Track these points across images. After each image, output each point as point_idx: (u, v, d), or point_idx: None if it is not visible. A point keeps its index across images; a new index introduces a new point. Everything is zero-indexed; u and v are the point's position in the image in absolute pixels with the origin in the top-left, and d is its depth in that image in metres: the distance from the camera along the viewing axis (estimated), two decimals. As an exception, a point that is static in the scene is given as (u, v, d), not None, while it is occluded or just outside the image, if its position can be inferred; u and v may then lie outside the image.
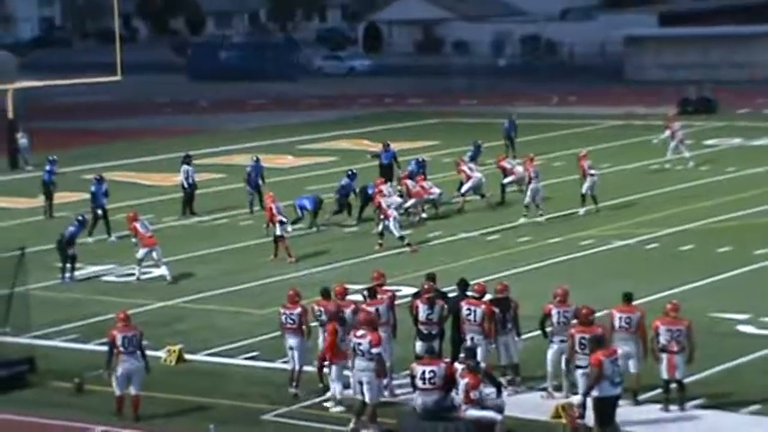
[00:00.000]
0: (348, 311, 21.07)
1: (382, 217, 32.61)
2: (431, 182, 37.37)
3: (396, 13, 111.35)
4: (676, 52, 77.22)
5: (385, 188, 34.09)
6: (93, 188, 35.71)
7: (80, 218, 31.75)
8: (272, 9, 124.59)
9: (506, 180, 38.30)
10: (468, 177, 37.46)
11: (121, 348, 20.44)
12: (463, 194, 37.43)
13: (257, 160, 38.74)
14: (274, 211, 31.90)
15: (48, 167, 38.96)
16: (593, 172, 36.57)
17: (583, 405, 18.49)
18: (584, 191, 36.31)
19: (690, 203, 37.59)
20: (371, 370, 19.49)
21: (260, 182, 38.06)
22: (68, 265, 30.23)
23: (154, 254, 30.02)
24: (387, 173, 39.04)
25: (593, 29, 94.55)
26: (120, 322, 20.78)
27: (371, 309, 21.12)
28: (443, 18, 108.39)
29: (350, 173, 36.64)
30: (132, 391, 20.46)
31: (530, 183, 35.56)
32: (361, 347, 19.50)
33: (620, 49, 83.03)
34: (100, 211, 35.06)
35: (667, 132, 45.18)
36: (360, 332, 19.70)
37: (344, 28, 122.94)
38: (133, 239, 30.93)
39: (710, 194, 39.06)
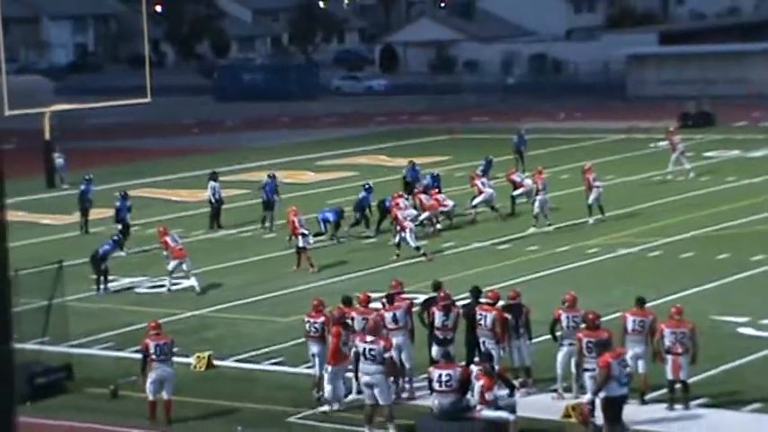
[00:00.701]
0: (359, 318, 21.08)
1: (399, 228, 32.60)
2: (444, 195, 37.38)
3: (410, 34, 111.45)
4: (676, 69, 77.10)
5: (401, 201, 34.09)
6: (117, 204, 35.84)
7: (115, 238, 31.95)
8: (293, 33, 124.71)
9: (516, 192, 38.27)
10: (480, 191, 37.47)
11: (154, 356, 20.46)
12: (475, 207, 37.44)
13: (273, 177, 38.65)
14: (296, 223, 31.92)
15: (83, 186, 39.05)
16: (597, 184, 36.53)
17: (592, 404, 18.44)
18: (590, 202, 36.25)
19: (690, 212, 37.51)
20: (381, 373, 19.50)
21: (275, 197, 37.76)
22: (102, 278, 30.34)
23: (184, 266, 30.06)
24: (409, 188, 39.02)
25: (596, 48, 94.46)
26: (152, 331, 20.81)
27: (389, 314, 21.16)
28: (455, 39, 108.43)
29: (367, 187, 36.65)
30: (164, 395, 20.48)
31: (538, 194, 35.54)
32: (373, 352, 19.49)
33: (622, 66, 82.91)
34: (120, 226, 35.13)
35: (668, 144, 45.06)
36: (369, 338, 19.69)
37: (362, 50, 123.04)
38: (164, 252, 30.98)
39: (710, 204, 38.96)
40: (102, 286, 30.32)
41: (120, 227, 35.20)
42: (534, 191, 36.02)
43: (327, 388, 20.52)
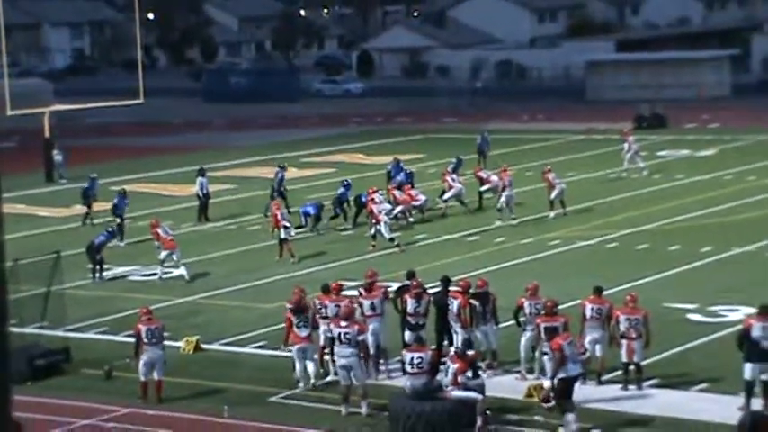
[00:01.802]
0: (332, 305, 21.07)
1: (374, 222, 32.58)
2: (417, 190, 37.36)
3: (386, 41, 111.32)
4: (631, 75, 77.25)
5: (376, 196, 34.06)
6: (115, 200, 35.67)
7: (109, 229, 31.80)
8: (276, 39, 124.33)
9: (483, 188, 38.29)
10: (451, 187, 37.48)
11: (146, 340, 20.40)
12: (445, 201, 37.44)
13: (283, 168, 39.02)
14: (279, 216, 31.87)
15: (88, 183, 38.85)
16: (558, 181, 36.57)
17: (552, 387, 18.51)
18: (552, 198, 36.30)
19: (645, 207, 37.60)
20: (356, 356, 19.52)
21: (282, 189, 38.13)
22: (97, 267, 30.21)
23: (174, 256, 29.95)
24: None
25: (558, 55, 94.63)
26: (143, 316, 20.75)
27: (368, 302, 21.15)
28: (428, 46, 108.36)
29: (345, 183, 36.61)
30: (155, 376, 20.43)
31: (504, 190, 35.56)
32: (347, 336, 19.50)
33: (581, 72, 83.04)
34: (118, 220, 35.00)
35: (625, 145, 45.20)
36: (343, 323, 19.70)
37: (340, 55, 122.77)
38: (156, 243, 30.86)
39: (663, 199, 39.07)
40: (97, 275, 30.19)
41: (117, 221, 35.02)
42: (500, 187, 36.05)
43: (297, 367, 20.55)
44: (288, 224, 31.79)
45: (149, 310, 21.13)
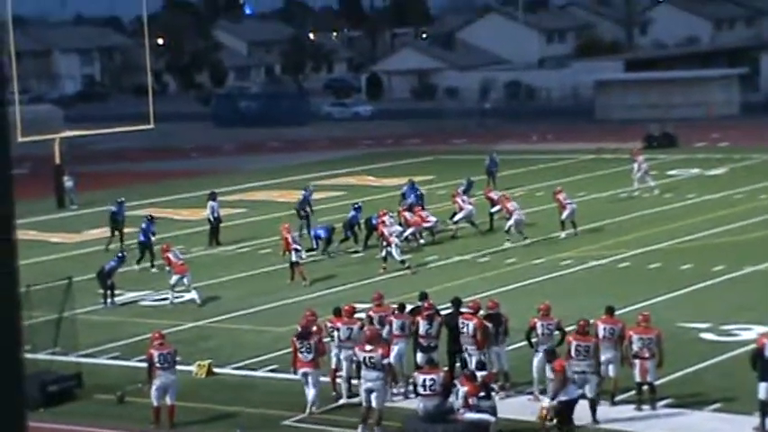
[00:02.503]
0: (355, 328, 21.07)
1: (385, 244, 32.57)
2: (427, 212, 37.36)
3: (394, 64, 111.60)
4: (640, 94, 77.28)
5: (387, 218, 34.07)
6: (143, 225, 35.16)
7: (120, 254, 31.77)
8: (286, 63, 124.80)
9: (494, 209, 38.22)
10: (461, 208, 37.46)
11: (158, 364, 20.39)
12: (456, 223, 37.41)
13: (309, 189, 39.31)
14: (290, 240, 31.88)
15: (115, 207, 38.10)
16: (569, 201, 36.53)
17: (558, 406, 18.45)
18: (563, 218, 36.26)
19: (656, 227, 37.54)
20: (381, 379, 19.48)
21: (308, 209, 38.19)
22: (108, 292, 30.21)
23: (185, 280, 29.98)
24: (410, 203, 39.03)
25: (566, 75, 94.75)
26: (156, 341, 20.74)
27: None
28: (436, 68, 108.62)
29: (356, 206, 36.64)
30: (168, 401, 20.40)
31: (511, 215, 35.40)
32: (372, 360, 19.48)
33: (590, 92, 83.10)
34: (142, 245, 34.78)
35: (635, 165, 45.17)
36: (368, 347, 19.67)
37: (349, 78, 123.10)
38: (167, 268, 30.88)
39: (674, 218, 39.01)
40: (108, 300, 30.20)
41: (142, 245, 34.73)
42: (506, 212, 35.81)
43: (307, 391, 20.53)
44: (299, 247, 31.81)
45: (162, 334, 21.11)
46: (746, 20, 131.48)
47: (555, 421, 18.44)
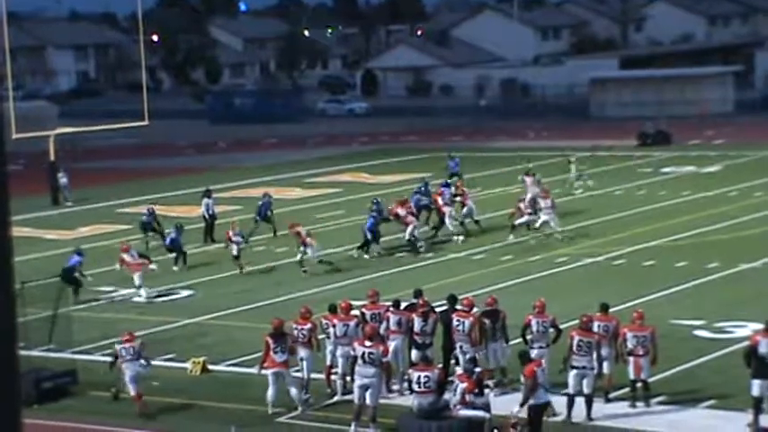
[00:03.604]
0: (351, 325, 21.07)
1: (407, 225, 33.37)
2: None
3: (389, 61, 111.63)
4: (635, 92, 77.38)
5: (401, 210, 34.42)
6: (173, 234, 34.42)
7: (80, 250, 31.31)
8: (281, 60, 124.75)
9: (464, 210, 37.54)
10: (441, 211, 36.48)
11: (123, 354, 21.08)
12: (462, 223, 36.80)
13: (267, 196, 38.89)
14: (230, 234, 32.65)
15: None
16: (543, 206, 35.69)
17: (530, 412, 18.45)
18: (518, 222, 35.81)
19: (651, 224, 37.59)
20: (378, 376, 19.51)
21: (269, 214, 38.12)
22: (74, 288, 29.44)
23: (136, 278, 30.02)
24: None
25: (562, 72, 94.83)
26: (125, 341, 21.36)
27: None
28: (432, 65, 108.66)
29: (375, 213, 34.84)
30: (132, 391, 20.99)
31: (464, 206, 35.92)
32: (372, 355, 19.50)
33: (585, 89, 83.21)
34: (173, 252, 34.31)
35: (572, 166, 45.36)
36: (368, 342, 19.68)
37: (344, 75, 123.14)
38: (122, 267, 30.75)
39: (668, 216, 39.06)
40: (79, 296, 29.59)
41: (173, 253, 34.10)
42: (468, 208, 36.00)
43: (269, 391, 20.57)
44: (240, 239, 32.60)
45: (131, 335, 21.60)
46: (741, 17, 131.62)
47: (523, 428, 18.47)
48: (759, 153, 54.00)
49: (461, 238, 35.85)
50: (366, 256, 33.79)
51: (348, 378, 20.77)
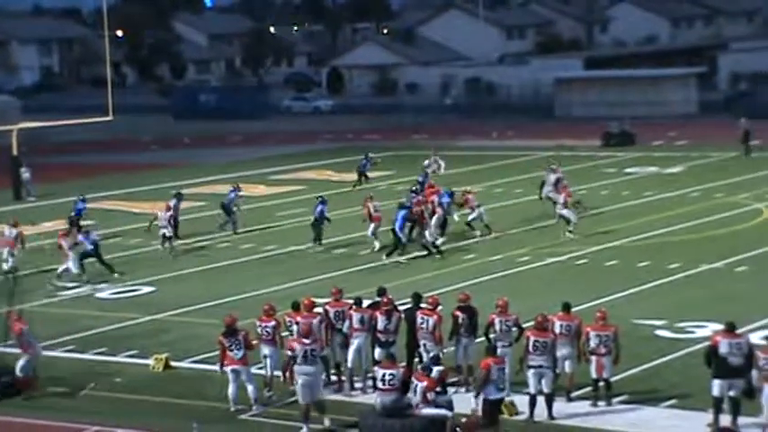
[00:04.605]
0: (315, 322, 21.02)
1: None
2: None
3: (355, 58, 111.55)
4: (599, 92, 77.64)
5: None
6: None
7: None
8: (246, 56, 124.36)
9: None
10: (371, 216, 35.67)
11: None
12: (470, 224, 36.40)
13: (237, 189, 38.85)
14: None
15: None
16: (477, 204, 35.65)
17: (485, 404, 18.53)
18: (471, 219, 35.75)
19: (613, 224, 37.74)
20: (319, 372, 19.75)
21: (234, 209, 38.08)
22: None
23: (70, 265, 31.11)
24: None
25: (527, 72, 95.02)
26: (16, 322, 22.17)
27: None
28: (397, 63, 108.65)
29: (405, 206, 34.43)
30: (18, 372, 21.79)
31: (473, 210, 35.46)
32: (314, 352, 19.50)
33: (550, 89, 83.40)
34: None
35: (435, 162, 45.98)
36: (306, 340, 19.66)
37: (310, 72, 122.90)
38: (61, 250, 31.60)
39: (631, 216, 39.23)
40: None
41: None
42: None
43: (230, 389, 20.54)
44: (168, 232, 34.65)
45: (18, 316, 22.38)
46: (705, 19, 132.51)
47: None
48: (721, 154, 54.37)
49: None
50: (401, 259, 33.00)
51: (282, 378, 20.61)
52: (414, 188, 38.09)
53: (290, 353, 19.65)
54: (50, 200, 47.91)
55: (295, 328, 21.06)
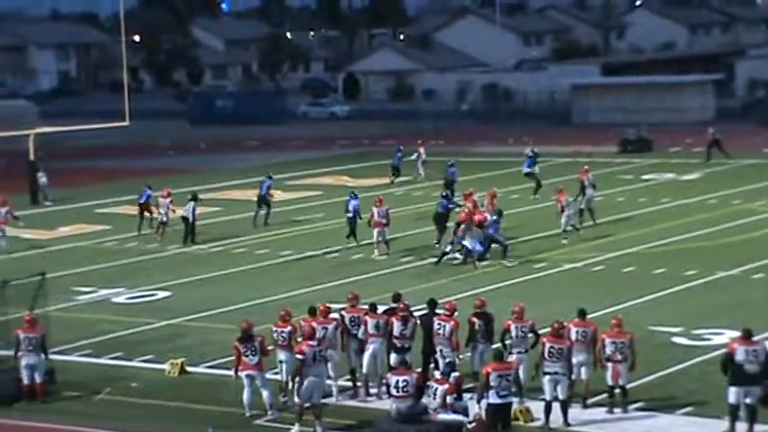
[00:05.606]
0: (330, 328, 21.07)
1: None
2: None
3: (372, 64, 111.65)
4: (616, 98, 77.54)
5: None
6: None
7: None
8: (263, 62, 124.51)
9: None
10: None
11: (23, 346, 21.63)
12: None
13: (270, 178, 39.95)
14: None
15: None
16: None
17: (486, 411, 18.55)
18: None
19: (630, 230, 37.69)
20: (326, 374, 19.87)
21: (270, 198, 39.02)
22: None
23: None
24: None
25: (544, 78, 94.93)
26: (25, 324, 21.89)
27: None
28: (414, 69, 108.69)
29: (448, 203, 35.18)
30: (37, 380, 21.71)
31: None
32: (321, 354, 19.63)
33: (567, 95, 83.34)
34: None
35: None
36: (312, 342, 19.72)
37: (326, 78, 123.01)
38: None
39: (648, 223, 39.17)
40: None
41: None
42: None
43: (245, 394, 20.64)
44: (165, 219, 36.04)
45: (32, 317, 22.02)
46: (722, 26, 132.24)
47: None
48: (739, 161, 54.24)
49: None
50: (480, 265, 32.61)
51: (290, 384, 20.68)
52: (444, 193, 37.75)
53: (300, 357, 19.71)
54: (67, 204, 48.08)
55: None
